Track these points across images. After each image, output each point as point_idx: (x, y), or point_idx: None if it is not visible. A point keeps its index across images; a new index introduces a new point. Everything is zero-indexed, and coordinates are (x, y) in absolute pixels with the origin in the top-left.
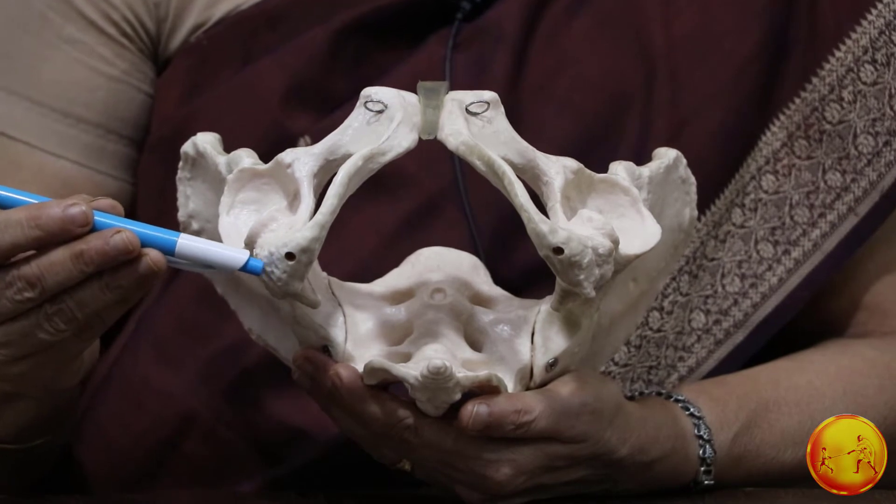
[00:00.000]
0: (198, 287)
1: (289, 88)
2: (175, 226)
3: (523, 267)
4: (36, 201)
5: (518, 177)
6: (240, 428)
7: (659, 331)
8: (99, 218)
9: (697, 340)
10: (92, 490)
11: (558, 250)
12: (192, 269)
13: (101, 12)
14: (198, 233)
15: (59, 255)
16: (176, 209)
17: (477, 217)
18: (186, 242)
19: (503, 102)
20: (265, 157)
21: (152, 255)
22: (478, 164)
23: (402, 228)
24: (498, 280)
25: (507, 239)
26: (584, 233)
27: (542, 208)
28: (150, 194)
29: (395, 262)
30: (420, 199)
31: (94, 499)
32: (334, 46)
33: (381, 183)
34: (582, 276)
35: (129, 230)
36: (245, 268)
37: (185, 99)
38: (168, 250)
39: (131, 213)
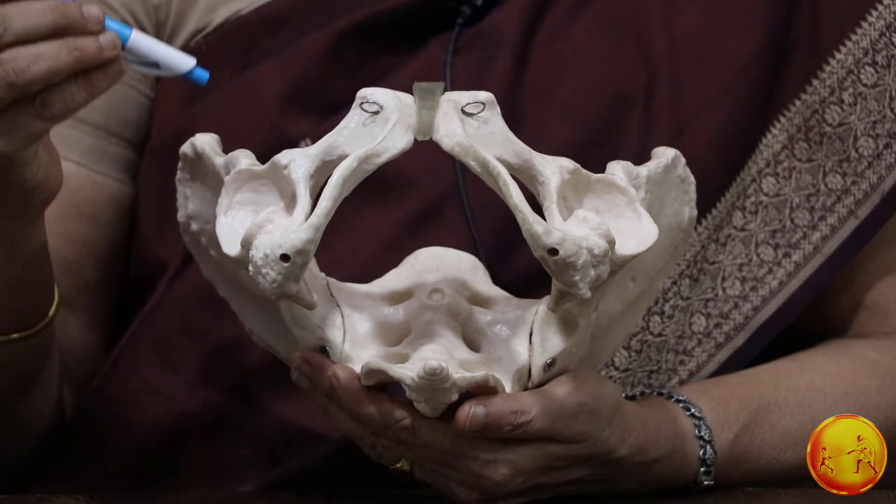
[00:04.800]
0: (198, 288)
1: (288, 92)
2: (178, 231)
3: (524, 270)
4: None
5: (514, 177)
6: (240, 428)
7: (660, 335)
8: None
9: (698, 344)
10: (92, 490)
11: (553, 251)
12: (142, 69)
13: None
14: (197, 234)
15: (52, 48)
16: (176, 213)
17: (477, 220)
18: (139, 37)
19: (504, 106)
20: (265, 161)
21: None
22: (473, 164)
23: (403, 232)
24: (498, 283)
25: (508, 242)
26: (579, 233)
27: (539, 209)
28: (151, 199)
29: (396, 266)
30: (421, 203)
31: (93, 499)
32: (334, 50)
33: (383, 186)
34: (577, 277)
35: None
36: (191, 74)
37: (186, 104)
38: (121, 39)
39: (133, 217)
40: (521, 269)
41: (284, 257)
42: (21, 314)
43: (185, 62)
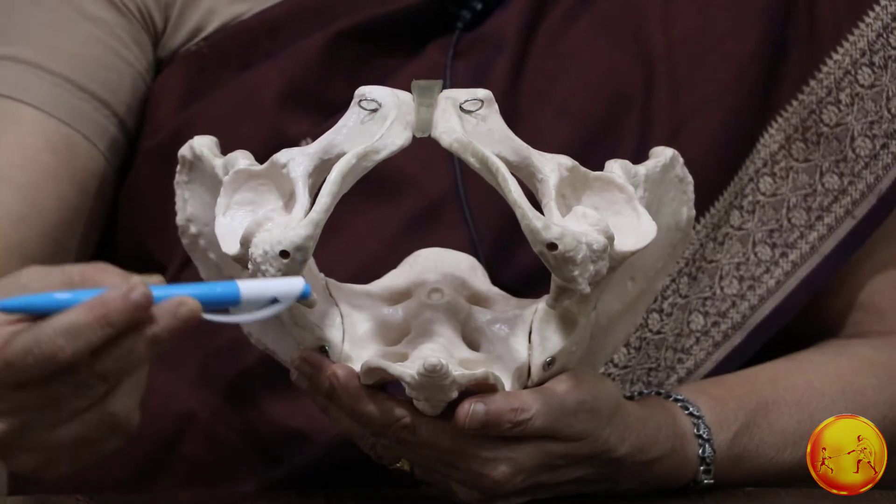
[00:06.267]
0: None
1: (287, 93)
2: (177, 232)
3: (523, 271)
4: (83, 297)
5: (513, 174)
6: (239, 428)
7: (658, 332)
8: (157, 292)
9: (696, 342)
10: (92, 490)
11: (552, 246)
12: (253, 318)
13: None
14: (196, 236)
15: (133, 344)
16: (175, 215)
17: (477, 220)
18: (249, 285)
19: (502, 108)
20: (264, 160)
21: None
22: (472, 161)
23: (402, 231)
24: (497, 284)
25: (508, 242)
26: (578, 229)
27: (537, 206)
28: (149, 200)
29: (396, 265)
30: (421, 203)
31: (93, 499)
32: (332, 52)
33: (382, 186)
34: (576, 272)
35: (190, 298)
36: (305, 294)
37: (184, 105)
38: (233, 300)
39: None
40: (521, 269)
41: (284, 254)
42: None
43: (296, 287)
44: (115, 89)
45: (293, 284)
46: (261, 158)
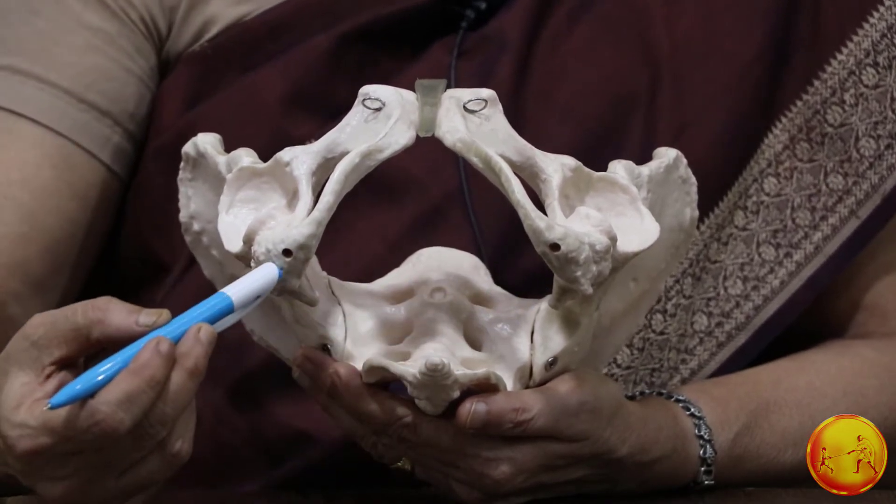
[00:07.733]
0: (199, 288)
1: (290, 95)
2: (181, 234)
3: (527, 273)
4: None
5: (516, 174)
6: (241, 429)
7: (662, 333)
8: (167, 331)
9: (700, 343)
10: None
11: (555, 247)
12: (246, 312)
13: (121, 8)
14: (199, 234)
15: (179, 382)
16: (178, 216)
17: (482, 223)
18: (235, 290)
19: (506, 109)
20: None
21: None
22: (475, 160)
23: (407, 234)
24: (502, 285)
25: (512, 245)
26: (581, 229)
27: (540, 206)
28: (153, 202)
29: None
30: (426, 206)
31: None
32: (336, 53)
33: (387, 189)
34: (579, 273)
35: (202, 323)
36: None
37: (188, 107)
38: (229, 309)
39: (117, 211)
40: (525, 271)
41: (287, 252)
42: None
43: (271, 274)
44: (116, 98)
45: (268, 273)
46: (264, 160)
